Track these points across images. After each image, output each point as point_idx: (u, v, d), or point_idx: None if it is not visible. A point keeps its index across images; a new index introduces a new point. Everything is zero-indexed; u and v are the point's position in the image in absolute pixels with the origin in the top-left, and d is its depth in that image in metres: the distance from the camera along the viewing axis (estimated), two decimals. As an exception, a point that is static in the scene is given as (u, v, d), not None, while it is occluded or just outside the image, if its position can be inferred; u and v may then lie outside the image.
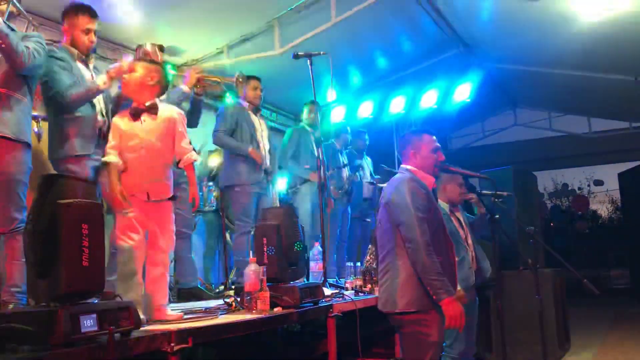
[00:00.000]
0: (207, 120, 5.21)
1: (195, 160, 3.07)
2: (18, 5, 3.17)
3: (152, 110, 2.98)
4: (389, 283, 3.04)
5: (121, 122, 2.99)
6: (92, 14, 3.63)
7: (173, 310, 3.00)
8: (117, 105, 3.64)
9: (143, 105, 2.98)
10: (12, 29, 3.12)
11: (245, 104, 5.14)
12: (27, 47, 3.06)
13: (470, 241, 4.28)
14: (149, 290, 2.88)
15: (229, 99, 5.73)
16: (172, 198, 3.02)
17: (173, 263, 4.63)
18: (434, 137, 3.26)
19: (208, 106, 6.10)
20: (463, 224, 4.34)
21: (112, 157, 2.91)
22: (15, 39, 3.00)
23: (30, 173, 3.16)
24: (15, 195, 3.04)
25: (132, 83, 3.01)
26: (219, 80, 4.58)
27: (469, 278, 4.13)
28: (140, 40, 4.57)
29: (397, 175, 3.20)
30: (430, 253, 2.88)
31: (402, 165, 3.25)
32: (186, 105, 4.44)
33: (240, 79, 4.61)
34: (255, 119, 5.14)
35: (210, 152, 6.11)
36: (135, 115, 2.96)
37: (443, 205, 4.33)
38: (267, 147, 5.15)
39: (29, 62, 3.05)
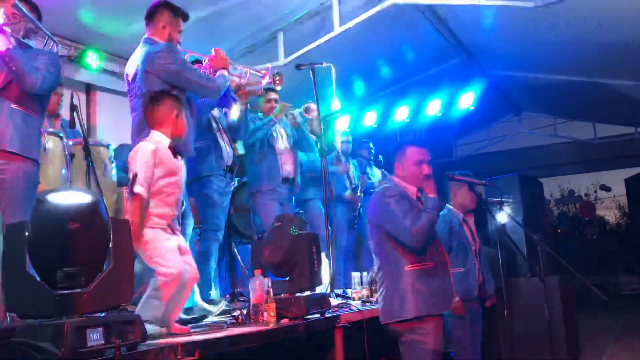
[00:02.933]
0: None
1: None
2: (37, 22, 3.19)
3: (182, 153, 3.09)
4: (385, 294, 3.11)
5: (161, 152, 2.95)
6: (185, 16, 3.79)
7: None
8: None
9: (177, 145, 3.04)
10: (29, 46, 3.14)
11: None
12: (38, 69, 3.07)
13: (478, 254, 4.26)
14: (169, 308, 2.88)
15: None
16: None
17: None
18: (422, 150, 3.24)
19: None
20: (474, 234, 4.32)
21: (144, 191, 2.83)
22: (27, 63, 3.02)
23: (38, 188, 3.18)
24: (25, 211, 3.05)
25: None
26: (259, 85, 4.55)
27: (473, 290, 4.11)
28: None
29: (381, 186, 3.34)
30: (413, 223, 2.98)
31: (389, 176, 3.35)
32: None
33: (279, 77, 4.49)
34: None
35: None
36: (175, 152, 3.00)
37: (456, 213, 4.32)
38: None
39: (39, 84, 3.07)
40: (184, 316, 3.26)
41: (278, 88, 4.55)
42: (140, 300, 2.82)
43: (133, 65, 3.69)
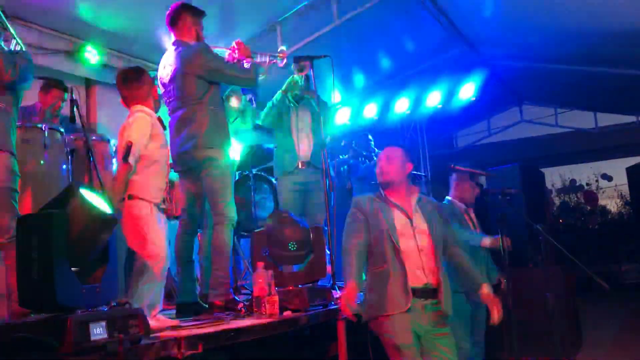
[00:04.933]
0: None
1: None
2: (6, 23, 3.19)
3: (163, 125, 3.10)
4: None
5: (156, 124, 3.01)
6: (203, 13, 3.94)
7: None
8: None
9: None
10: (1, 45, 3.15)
11: None
12: (16, 64, 3.08)
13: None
14: (154, 299, 2.88)
15: None
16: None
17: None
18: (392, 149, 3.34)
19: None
20: (476, 224, 4.31)
21: (135, 162, 2.86)
22: (7, 55, 3.03)
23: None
24: (8, 204, 3.05)
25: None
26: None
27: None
28: (148, 51, 4.59)
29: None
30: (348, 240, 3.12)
31: None
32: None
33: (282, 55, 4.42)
34: None
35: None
36: (162, 125, 3.03)
37: (458, 204, 4.31)
38: None
39: (16, 77, 3.07)
40: None
41: (281, 65, 4.49)
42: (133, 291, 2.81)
43: (168, 68, 3.77)
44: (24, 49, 3.34)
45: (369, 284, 3.16)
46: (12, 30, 3.27)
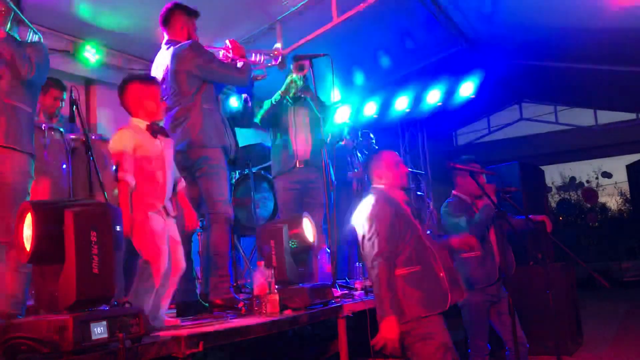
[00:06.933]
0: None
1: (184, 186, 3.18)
2: (20, 14, 3.18)
3: (163, 132, 3.03)
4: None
5: (139, 136, 2.95)
6: (197, 14, 3.94)
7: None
8: None
9: (156, 125, 2.99)
10: (16, 39, 3.13)
11: None
12: (31, 59, 3.07)
13: (493, 237, 4.24)
14: (156, 302, 2.87)
15: None
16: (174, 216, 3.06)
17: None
18: (394, 153, 3.40)
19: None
20: None
21: (131, 178, 2.82)
22: (21, 51, 3.02)
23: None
24: (16, 205, 3.03)
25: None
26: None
27: (493, 274, 4.11)
28: (147, 50, 4.58)
29: (367, 197, 3.30)
30: (386, 268, 2.98)
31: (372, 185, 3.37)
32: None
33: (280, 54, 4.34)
34: None
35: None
36: (154, 133, 2.97)
37: (465, 199, 4.31)
38: None
39: (33, 72, 3.06)
40: None
41: (276, 63, 4.45)
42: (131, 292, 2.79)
43: (160, 68, 3.76)
44: (41, 39, 3.33)
45: (397, 287, 3.04)
46: (28, 22, 3.26)
